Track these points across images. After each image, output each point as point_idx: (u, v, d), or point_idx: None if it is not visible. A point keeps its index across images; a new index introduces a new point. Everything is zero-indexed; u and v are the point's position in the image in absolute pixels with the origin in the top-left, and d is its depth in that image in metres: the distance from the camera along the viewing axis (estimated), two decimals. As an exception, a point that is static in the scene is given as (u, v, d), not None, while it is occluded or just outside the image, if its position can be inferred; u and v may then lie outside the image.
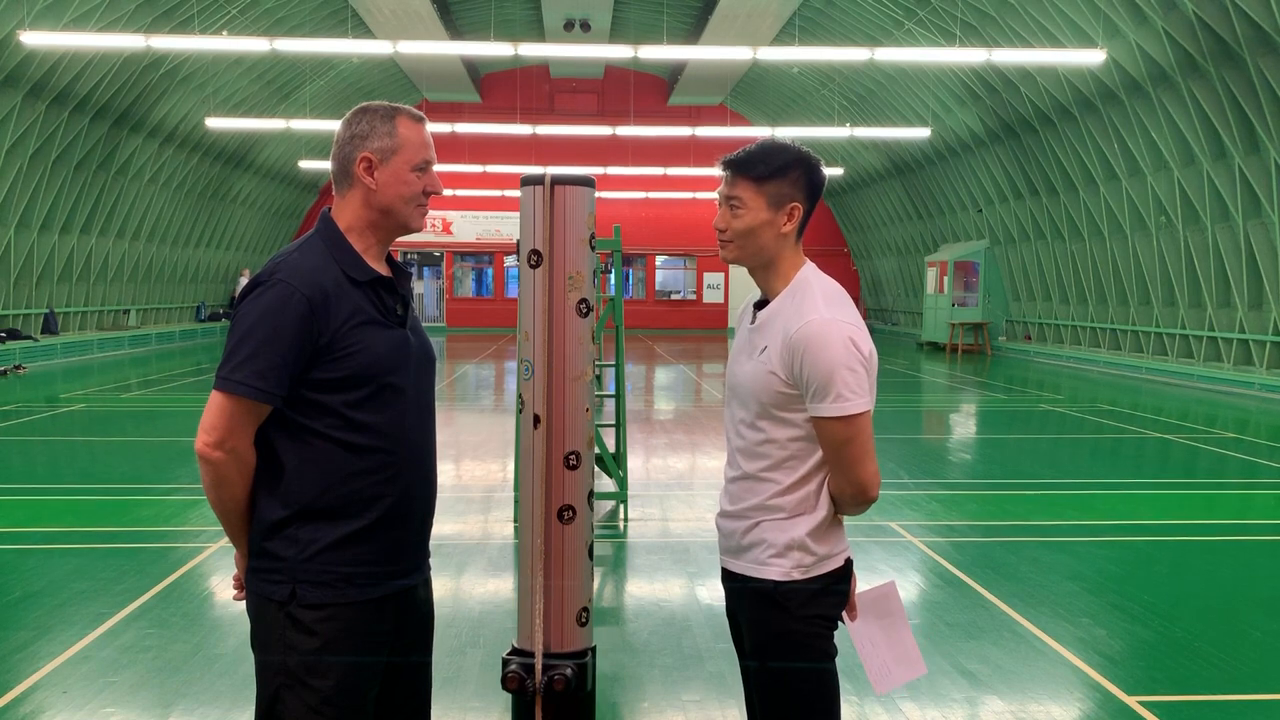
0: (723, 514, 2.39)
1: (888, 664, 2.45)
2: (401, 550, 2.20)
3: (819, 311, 2.18)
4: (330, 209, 2.23)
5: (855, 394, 2.14)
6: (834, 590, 2.29)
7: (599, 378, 10.99)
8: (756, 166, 2.25)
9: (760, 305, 2.35)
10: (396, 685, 2.27)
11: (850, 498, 2.23)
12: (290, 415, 2.10)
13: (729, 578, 2.38)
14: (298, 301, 2.05)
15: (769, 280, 2.31)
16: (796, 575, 2.23)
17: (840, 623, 2.36)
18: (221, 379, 2.05)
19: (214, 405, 2.07)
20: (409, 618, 2.25)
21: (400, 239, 2.32)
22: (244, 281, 31.02)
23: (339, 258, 2.14)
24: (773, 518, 2.25)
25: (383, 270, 2.21)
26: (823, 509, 2.25)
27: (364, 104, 2.23)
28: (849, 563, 2.34)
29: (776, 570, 2.24)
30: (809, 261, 2.33)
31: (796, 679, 2.25)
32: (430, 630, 2.36)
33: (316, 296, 2.06)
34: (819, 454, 2.23)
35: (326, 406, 2.09)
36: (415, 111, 2.22)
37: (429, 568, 2.34)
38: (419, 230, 2.26)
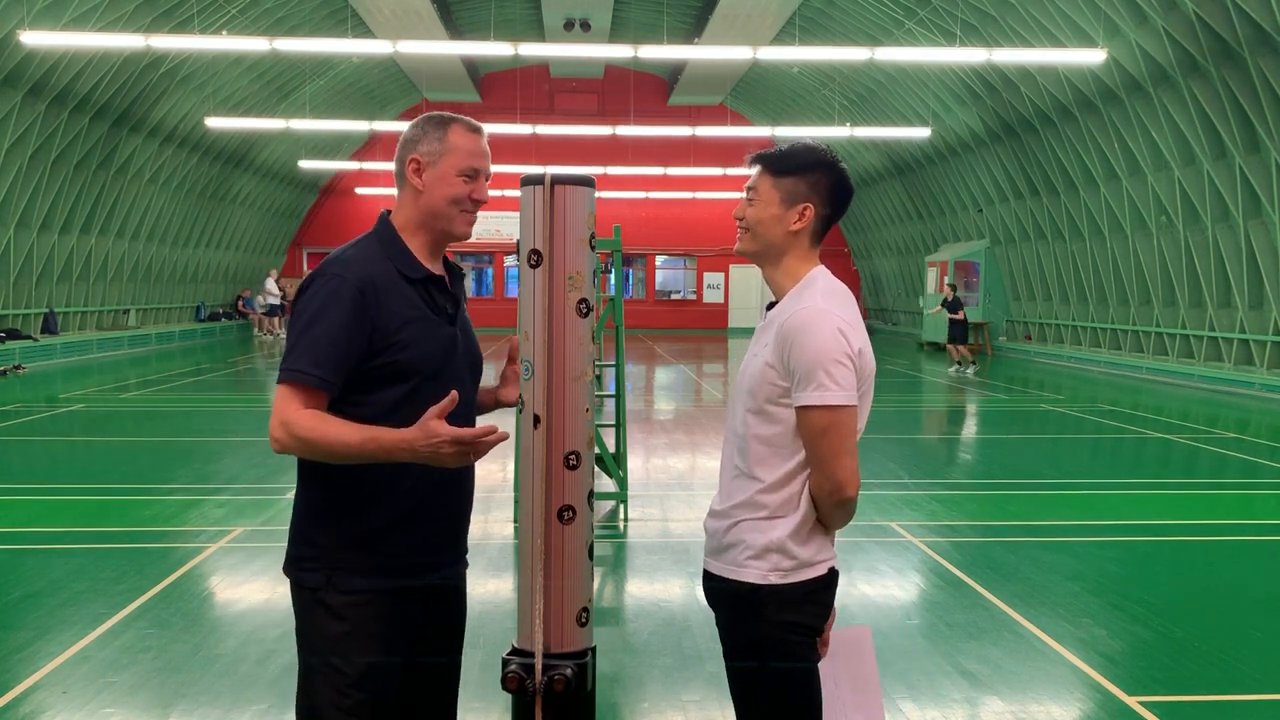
0: (710, 513, 2.37)
1: (847, 709, 2.36)
2: (435, 545, 2.26)
3: (814, 301, 2.19)
4: (389, 210, 2.32)
5: (838, 385, 2.12)
6: (816, 599, 2.24)
7: (599, 378, 10.98)
8: (776, 161, 2.28)
9: (771, 307, 2.37)
10: (423, 681, 2.30)
11: (826, 496, 2.18)
12: (335, 402, 2.17)
13: (707, 578, 2.35)
14: (348, 290, 2.12)
15: (778, 279, 2.32)
16: (774, 579, 2.20)
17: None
18: (283, 371, 2.12)
19: (277, 398, 2.14)
20: (439, 615, 2.30)
21: None
22: (270, 283, 31.06)
23: (392, 255, 2.22)
24: (753, 517, 2.23)
25: (436, 270, 2.28)
26: (803, 511, 2.21)
27: (429, 113, 2.32)
28: (833, 573, 2.28)
29: (754, 573, 2.21)
30: (821, 265, 2.33)
31: (771, 685, 2.22)
32: (460, 631, 2.40)
33: (366, 287, 2.13)
34: (803, 454, 2.21)
35: (371, 397, 2.15)
36: (472, 123, 2.28)
37: (465, 565, 2.39)
38: (464, 237, 2.31)
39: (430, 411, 2.04)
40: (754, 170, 2.33)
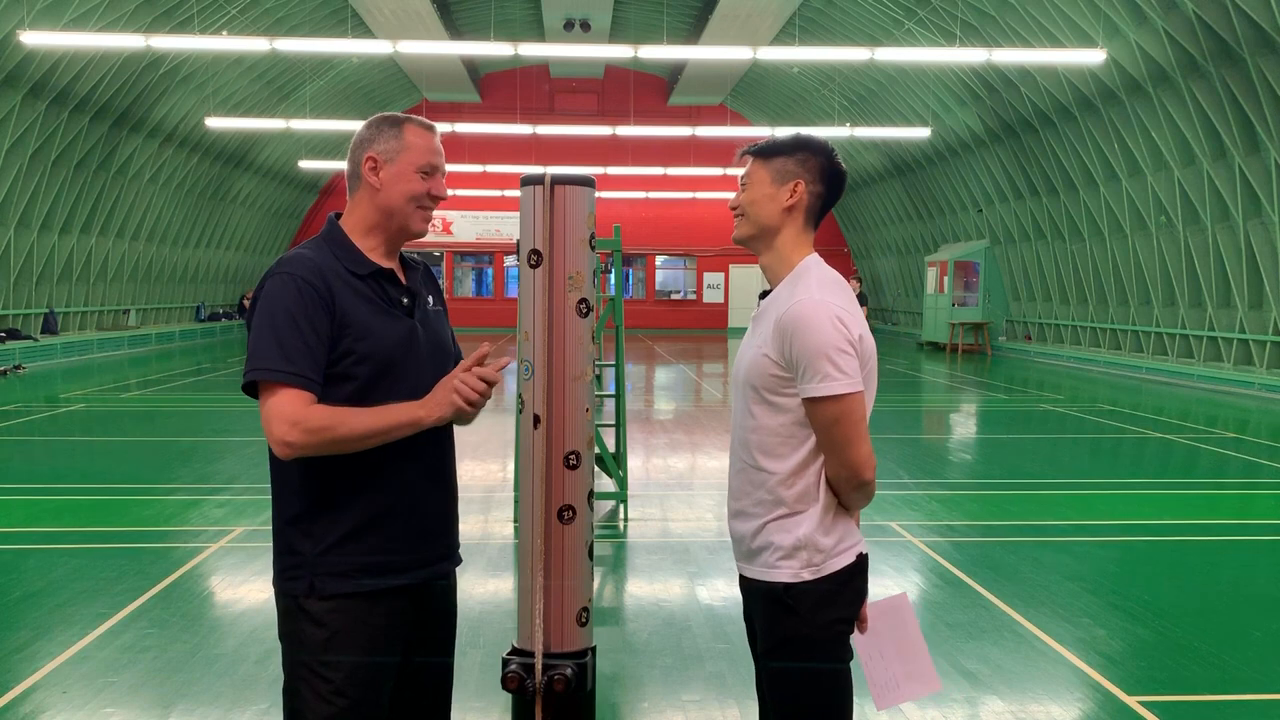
0: (731, 515, 2.39)
1: (896, 678, 2.40)
2: (419, 541, 2.21)
3: (810, 293, 2.20)
4: (338, 213, 2.31)
5: (843, 374, 2.14)
6: (848, 589, 2.27)
7: (599, 378, 10.99)
8: (765, 148, 2.36)
9: (765, 296, 2.38)
10: (414, 684, 2.27)
11: (845, 481, 2.21)
12: None
13: (743, 582, 2.39)
14: (300, 285, 2.10)
15: (773, 264, 2.35)
16: (807, 576, 2.22)
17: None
18: (260, 370, 2.07)
19: (268, 401, 2.08)
20: (428, 614, 2.26)
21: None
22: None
23: (338, 254, 2.20)
24: (777, 515, 2.24)
25: (386, 265, 2.25)
26: (824, 500, 2.23)
27: (380, 114, 2.31)
28: (863, 559, 2.30)
29: (786, 572, 2.23)
30: (815, 253, 2.35)
31: (810, 683, 2.24)
32: (452, 630, 2.37)
33: (317, 282, 2.11)
34: (813, 441, 2.22)
35: (332, 394, 2.12)
36: (425, 121, 2.28)
37: (456, 562, 2.35)
38: (420, 233, 2.29)
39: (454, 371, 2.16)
40: (745, 163, 2.40)
